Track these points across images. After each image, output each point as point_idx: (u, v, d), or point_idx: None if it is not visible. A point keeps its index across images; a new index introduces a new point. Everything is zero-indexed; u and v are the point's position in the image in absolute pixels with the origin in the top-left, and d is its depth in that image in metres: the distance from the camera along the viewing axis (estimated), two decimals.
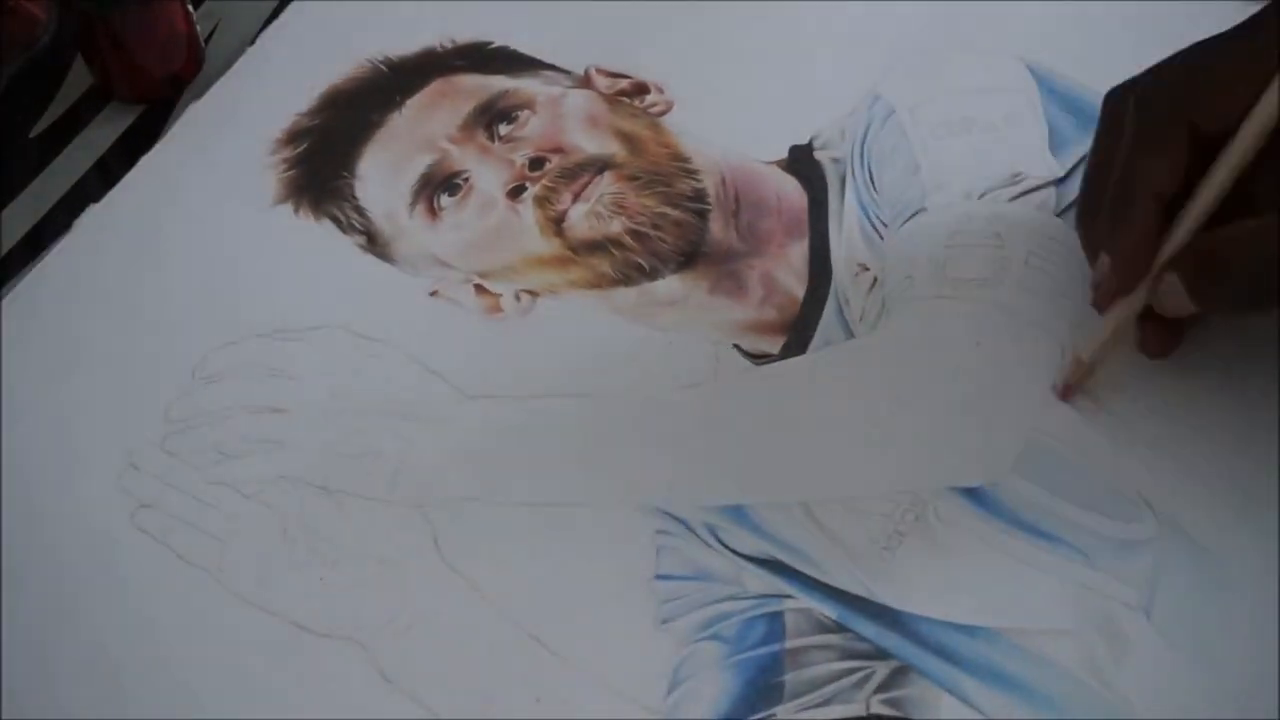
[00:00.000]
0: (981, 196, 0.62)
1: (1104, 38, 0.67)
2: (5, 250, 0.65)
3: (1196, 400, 0.55)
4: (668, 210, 0.63)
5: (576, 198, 0.63)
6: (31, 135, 0.69)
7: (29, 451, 0.57)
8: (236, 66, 0.69)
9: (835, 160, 0.64)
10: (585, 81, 0.68)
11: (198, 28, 0.70)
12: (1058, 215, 0.61)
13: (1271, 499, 0.53)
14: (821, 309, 0.60)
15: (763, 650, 0.51)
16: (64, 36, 0.70)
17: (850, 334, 0.59)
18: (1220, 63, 0.53)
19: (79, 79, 0.70)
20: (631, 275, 0.61)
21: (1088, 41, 0.67)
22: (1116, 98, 0.56)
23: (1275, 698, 0.49)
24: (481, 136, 0.65)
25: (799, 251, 0.61)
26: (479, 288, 0.61)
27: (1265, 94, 0.51)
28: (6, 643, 0.53)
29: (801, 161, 0.64)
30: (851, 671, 0.51)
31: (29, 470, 0.57)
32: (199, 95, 0.69)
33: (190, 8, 0.69)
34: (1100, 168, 0.56)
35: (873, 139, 0.64)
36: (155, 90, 0.69)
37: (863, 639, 0.51)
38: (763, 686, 0.50)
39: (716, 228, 0.62)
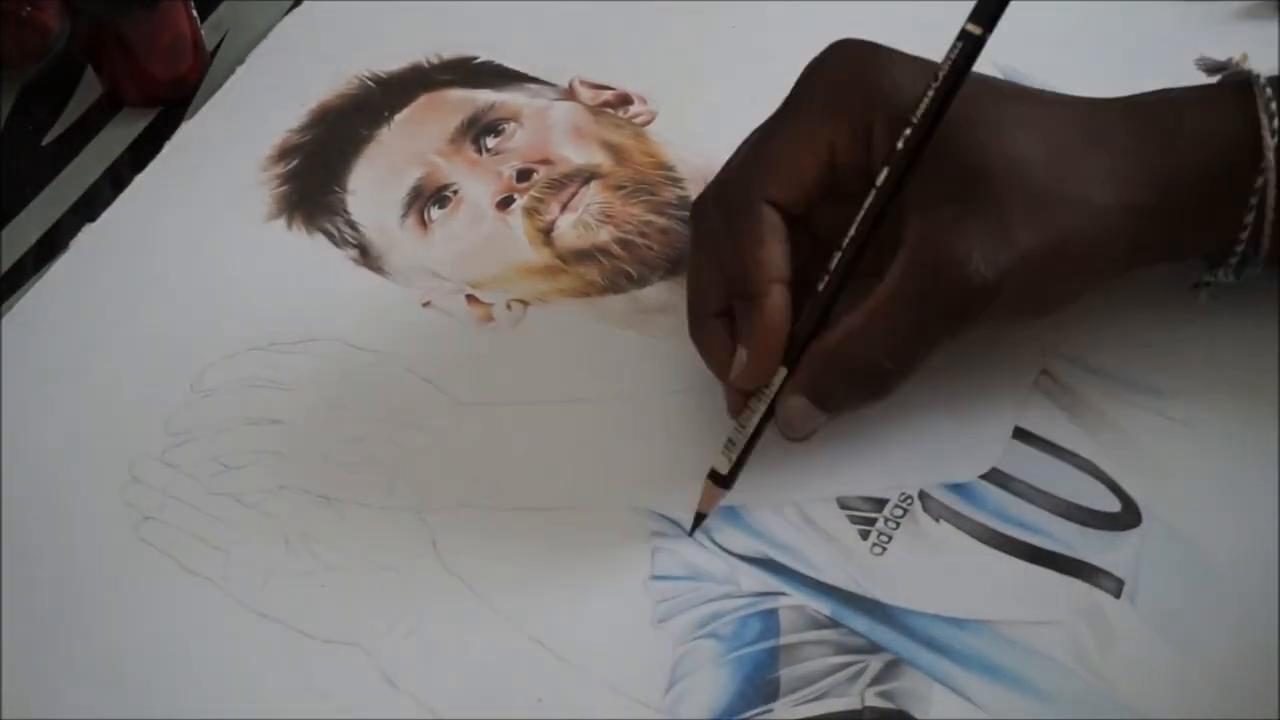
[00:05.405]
0: None
1: (1060, 33, 0.68)
2: (19, 255, 0.65)
3: (1175, 390, 0.56)
4: (654, 218, 0.63)
5: (564, 208, 0.64)
6: (44, 143, 0.69)
7: (32, 466, 0.58)
8: (227, 85, 0.69)
9: None
10: (569, 94, 0.68)
11: (204, 36, 0.71)
12: None
13: (1250, 484, 0.54)
14: None
15: (758, 647, 0.52)
16: (75, 45, 0.70)
17: None
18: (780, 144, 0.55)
19: (90, 87, 0.70)
20: (620, 283, 0.62)
21: (1045, 38, 0.67)
22: (701, 206, 0.56)
23: (1258, 680, 0.50)
24: (469, 149, 0.66)
25: None
26: (470, 298, 0.62)
27: None
28: (13, 654, 0.53)
29: None
30: (845, 666, 0.51)
31: (33, 484, 0.57)
32: (206, 100, 0.69)
33: (194, 12, 0.70)
34: (705, 271, 0.55)
35: None
36: (162, 93, 0.70)
37: (856, 634, 0.52)
38: (759, 682, 0.51)
39: None
